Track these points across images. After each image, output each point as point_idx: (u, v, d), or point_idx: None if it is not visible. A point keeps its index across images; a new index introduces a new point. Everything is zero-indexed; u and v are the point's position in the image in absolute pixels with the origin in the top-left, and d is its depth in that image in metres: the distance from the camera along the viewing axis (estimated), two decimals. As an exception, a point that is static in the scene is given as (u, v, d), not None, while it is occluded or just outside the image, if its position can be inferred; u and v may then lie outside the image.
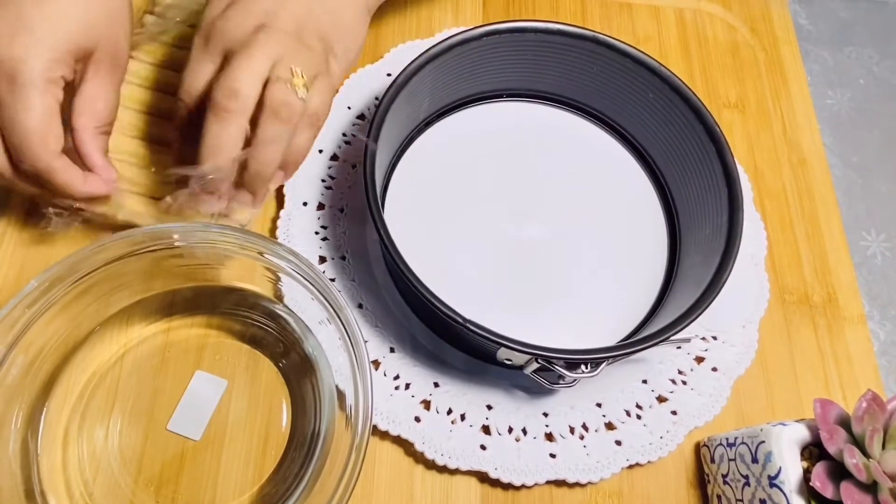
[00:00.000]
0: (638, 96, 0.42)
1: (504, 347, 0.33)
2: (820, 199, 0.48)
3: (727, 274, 0.35)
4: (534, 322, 0.39)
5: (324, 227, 0.42)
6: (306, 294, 0.35)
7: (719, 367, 0.40)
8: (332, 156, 0.44)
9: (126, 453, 0.34)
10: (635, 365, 0.40)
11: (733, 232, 0.37)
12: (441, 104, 0.44)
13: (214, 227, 0.34)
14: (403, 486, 0.37)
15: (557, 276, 0.41)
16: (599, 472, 0.37)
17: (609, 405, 0.39)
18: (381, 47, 0.49)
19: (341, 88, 0.46)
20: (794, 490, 0.30)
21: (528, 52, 0.42)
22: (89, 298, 0.35)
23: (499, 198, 0.43)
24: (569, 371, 0.34)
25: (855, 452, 0.29)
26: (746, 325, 0.42)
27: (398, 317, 0.40)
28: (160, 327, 0.37)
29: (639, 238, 0.43)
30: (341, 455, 0.32)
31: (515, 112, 0.46)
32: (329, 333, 0.35)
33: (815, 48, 0.59)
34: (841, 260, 0.46)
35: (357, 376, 0.33)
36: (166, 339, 0.37)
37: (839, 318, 0.44)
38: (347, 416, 0.34)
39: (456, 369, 0.39)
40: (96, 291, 0.35)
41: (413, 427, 0.37)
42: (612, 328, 0.40)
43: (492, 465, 0.36)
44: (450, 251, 0.41)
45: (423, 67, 0.39)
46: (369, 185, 0.35)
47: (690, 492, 0.38)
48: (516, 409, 0.38)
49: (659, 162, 0.44)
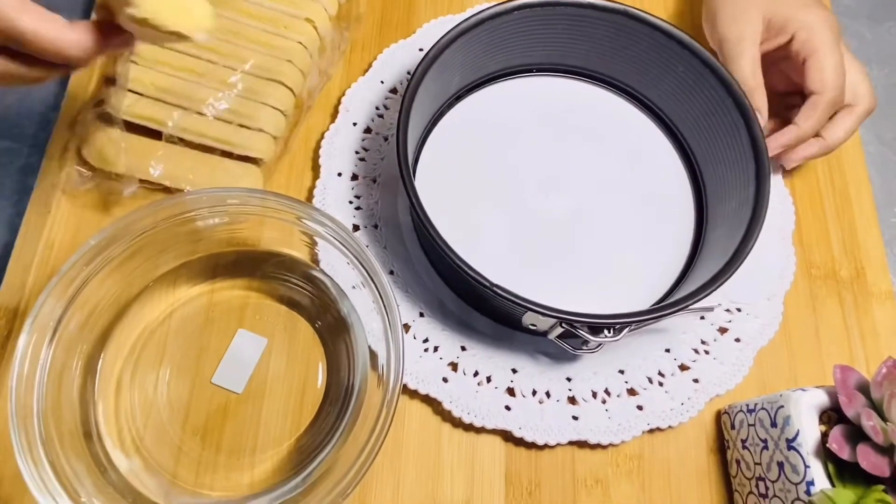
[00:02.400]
0: (667, 70, 0.43)
1: (530, 311, 0.34)
2: (851, 175, 0.48)
3: (751, 244, 0.36)
4: (560, 291, 0.40)
5: (357, 197, 0.44)
6: (342, 258, 0.37)
7: (742, 338, 0.41)
8: (365, 129, 0.46)
9: (174, 404, 0.37)
10: (659, 334, 0.41)
11: (759, 203, 0.37)
12: (471, 78, 0.45)
13: (257, 192, 0.36)
14: (431, 442, 0.39)
15: (584, 247, 0.42)
16: (620, 435, 0.38)
17: (631, 372, 0.40)
18: (414, 23, 0.50)
19: (374, 63, 0.47)
20: (811, 452, 0.31)
21: (557, 26, 0.43)
22: (139, 259, 0.37)
23: (528, 170, 0.44)
24: (592, 335, 0.35)
25: (873, 415, 0.29)
26: (771, 297, 0.42)
27: (427, 283, 0.41)
28: (205, 288, 0.40)
29: (666, 210, 0.43)
30: (373, 411, 0.34)
31: (545, 86, 0.46)
32: (363, 297, 0.37)
33: (853, 23, 0.58)
34: (871, 236, 0.46)
35: (389, 338, 0.35)
36: (210, 299, 0.39)
37: (866, 293, 0.44)
38: (379, 375, 0.36)
39: (482, 334, 0.40)
40: (146, 253, 0.37)
41: (441, 387, 0.39)
42: (637, 298, 0.41)
43: (516, 425, 0.38)
44: (478, 221, 0.42)
45: (455, 42, 0.40)
46: (402, 156, 0.36)
47: (710, 457, 0.39)
48: (540, 374, 0.40)
49: (687, 135, 0.44)
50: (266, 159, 0.42)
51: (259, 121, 0.41)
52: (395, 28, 0.50)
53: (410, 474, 0.38)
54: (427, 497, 0.38)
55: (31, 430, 0.30)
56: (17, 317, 0.40)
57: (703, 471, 0.39)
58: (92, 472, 0.33)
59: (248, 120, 0.41)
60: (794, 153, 0.43)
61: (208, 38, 0.29)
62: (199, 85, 0.42)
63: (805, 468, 0.31)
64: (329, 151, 0.44)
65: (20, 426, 0.30)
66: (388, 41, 0.49)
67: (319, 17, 0.44)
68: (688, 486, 0.39)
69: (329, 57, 0.47)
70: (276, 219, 0.37)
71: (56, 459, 0.31)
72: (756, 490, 0.35)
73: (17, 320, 0.40)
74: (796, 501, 0.32)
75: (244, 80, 0.42)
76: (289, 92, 0.43)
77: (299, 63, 0.43)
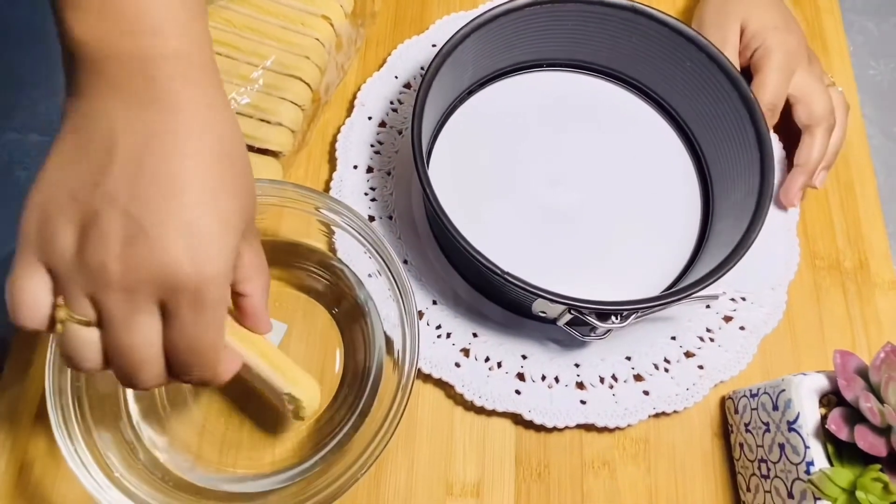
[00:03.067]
0: (675, 65, 0.44)
1: (540, 298, 0.36)
2: (856, 168, 0.49)
3: (755, 234, 0.37)
4: (569, 280, 0.41)
5: (372, 189, 0.45)
6: (359, 248, 0.38)
7: (747, 326, 0.42)
8: (380, 122, 0.47)
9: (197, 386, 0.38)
10: (665, 322, 0.42)
11: (763, 194, 0.38)
12: (483, 73, 0.46)
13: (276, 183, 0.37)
14: (444, 425, 0.40)
15: (592, 239, 0.43)
16: (627, 419, 0.39)
17: (638, 358, 0.41)
18: (427, 19, 0.51)
19: (389, 59, 0.49)
20: (810, 433, 0.32)
21: (567, 22, 0.44)
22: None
23: (538, 162, 0.45)
24: (600, 322, 0.36)
25: (870, 397, 0.30)
26: (776, 287, 0.43)
27: (440, 272, 0.43)
28: (226, 276, 0.41)
29: (673, 202, 0.45)
30: (389, 394, 0.35)
31: (555, 81, 0.48)
32: (379, 285, 0.38)
33: (859, 18, 0.59)
34: (875, 228, 0.47)
35: (405, 325, 0.36)
36: (232, 286, 0.41)
37: (870, 283, 0.45)
38: (395, 360, 0.37)
39: (493, 322, 0.42)
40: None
41: (454, 371, 0.40)
42: (644, 287, 0.42)
43: (526, 408, 0.39)
44: (490, 212, 0.43)
45: (467, 38, 0.41)
46: (416, 148, 0.38)
47: (714, 441, 0.41)
48: (549, 360, 0.41)
49: (694, 128, 0.46)
50: (285, 152, 0.43)
51: (278, 115, 0.43)
52: (408, 24, 0.51)
53: (424, 455, 0.39)
54: (440, 477, 0.39)
55: (67, 407, 0.32)
56: (48, 303, 0.41)
57: (707, 454, 0.40)
58: (122, 448, 0.34)
59: (268, 114, 0.43)
60: (789, 192, 0.45)
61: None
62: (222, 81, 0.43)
63: (805, 449, 0.32)
64: (345, 145, 0.46)
65: (56, 404, 0.32)
66: (402, 37, 0.50)
67: (336, 14, 0.46)
68: (692, 468, 0.40)
69: (345, 53, 0.48)
70: (294, 209, 0.38)
71: (89, 436, 0.33)
72: (758, 472, 0.37)
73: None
74: (796, 481, 0.33)
75: (265, 76, 0.43)
76: (306, 87, 0.44)
77: (316, 59, 0.45)
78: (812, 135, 0.44)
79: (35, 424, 0.39)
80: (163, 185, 0.23)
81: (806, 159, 0.44)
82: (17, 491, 0.37)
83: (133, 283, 0.23)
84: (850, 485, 0.31)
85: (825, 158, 0.45)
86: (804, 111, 0.44)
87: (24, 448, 0.38)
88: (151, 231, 0.23)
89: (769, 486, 0.35)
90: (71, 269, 0.23)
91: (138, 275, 0.23)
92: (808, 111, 0.44)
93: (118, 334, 0.24)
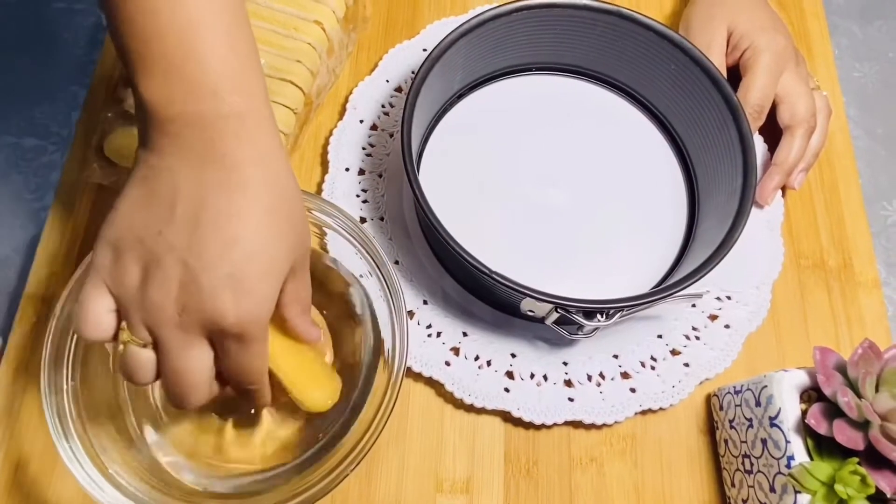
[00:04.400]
0: (660, 68, 0.45)
1: (528, 297, 0.36)
2: (840, 170, 0.50)
3: (737, 234, 0.38)
4: (557, 280, 0.42)
5: (364, 191, 0.46)
6: (350, 249, 0.39)
7: (732, 325, 0.43)
8: (371, 126, 0.48)
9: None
10: (651, 321, 0.43)
11: (746, 195, 0.39)
12: (473, 77, 0.47)
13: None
14: (434, 422, 0.41)
15: (580, 239, 0.44)
16: (614, 416, 0.40)
17: (625, 357, 0.42)
18: (418, 24, 0.52)
19: (380, 63, 0.50)
20: (791, 428, 0.33)
21: (556, 27, 0.45)
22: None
23: (527, 164, 0.46)
24: (586, 320, 0.37)
25: (848, 392, 0.31)
26: (760, 286, 0.44)
27: (431, 273, 0.43)
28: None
29: (660, 203, 0.45)
30: (379, 391, 0.36)
31: (543, 84, 0.48)
32: (370, 285, 0.39)
33: (844, 21, 0.59)
34: (858, 227, 0.48)
35: (395, 324, 0.37)
36: (225, 287, 0.42)
37: (853, 282, 0.46)
38: (385, 358, 0.38)
39: (483, 321, 0.42)
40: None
41: (443, 370, 0.41)
42: (631, 287, 0.43)
43: (514, 406, 0.40)
44: (479, 214, 0.44)
45: (457, 42, 0.42)
46: (406, 151, 0.38)
47: (700, 437, 0.41)
48: (538, 358, 0.42)
49: (679, 130, 0.46)
50: (277, 155, 0.44)
51: (271, 118, 0.43)
52: (400, 29, 0.52)
53: (414, 453, 0.40)
54: (430, 474, 0.40)
55: (62, 405, 0.33)
56: (44, 304, 0.42)
57: (693, 450, 0.41)
58: (117, 446, 0.35)
59: (261, 117, 0.43)
60: (764, 190, 0.45)
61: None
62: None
63: (786, 443, 0.33)
64: (337, 147, 0.47)
65: (52, 402, 0.33)
66: (393, 42, 0.51)
67: (327, 19, 0.47)
68: (679, 464, 0.41)
69: (337, 57, 0.49)
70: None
71: (84, 434, 0.33)
72: (742, 467, 0.37)
73: (44, 307, 0.42)
74: (778, 475, 0.34)
75: (257, 80, 0.44)
76: (299, 91, 0.45)
77: (309, 63, 0.45)
78: (792, 135, 0.45)
79: (31, 423, 0.39)
80: (215, 241, 0.26)
81: (784, 159, 0.45)
82: (14, 488, 0.38)
83: (185, 323, 0.26)
84: (830, 478, 0.31)
85: (804, 160, 0.45)
86: (787, 111, 0.45)
87: (19, 446, 0.39)
88: (203, 282, 0.25)
89: (752, 480, 0.36)
90: (134, 302, 0.26)
91: (190, 318, 0.26)
92: (790, 112, 0.45)
93: (171, 362, 0.27)
